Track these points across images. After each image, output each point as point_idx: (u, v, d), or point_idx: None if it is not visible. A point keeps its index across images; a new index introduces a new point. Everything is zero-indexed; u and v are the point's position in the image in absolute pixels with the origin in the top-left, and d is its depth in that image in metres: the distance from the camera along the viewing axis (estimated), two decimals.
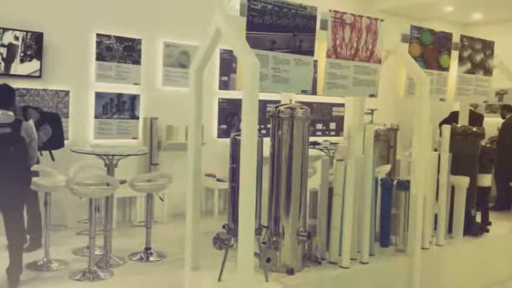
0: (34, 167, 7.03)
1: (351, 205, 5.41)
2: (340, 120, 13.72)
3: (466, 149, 7.02)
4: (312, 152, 6.87)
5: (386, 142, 8.07)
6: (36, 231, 8.12)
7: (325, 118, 13.35)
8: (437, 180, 6.63)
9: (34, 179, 7.01)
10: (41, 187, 7.37)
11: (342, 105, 13.58)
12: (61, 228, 9.16)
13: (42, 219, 7.93)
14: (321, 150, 10.88)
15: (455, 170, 6.84)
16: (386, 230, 6.18)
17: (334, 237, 5.50)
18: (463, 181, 6.83)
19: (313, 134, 12.71)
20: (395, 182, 6.26)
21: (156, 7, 10.49)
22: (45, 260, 7.55)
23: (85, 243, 8.04)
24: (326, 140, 12.10)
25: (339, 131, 13.66)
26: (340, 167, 5.44)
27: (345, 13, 5.40)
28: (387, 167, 7.26)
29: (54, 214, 8.16)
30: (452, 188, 6.90)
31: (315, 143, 11.08)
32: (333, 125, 13.56)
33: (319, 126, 13.20)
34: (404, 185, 6.13)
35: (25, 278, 6.94)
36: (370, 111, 7.94)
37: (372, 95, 5.81)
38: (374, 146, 5.73)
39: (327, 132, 13.36)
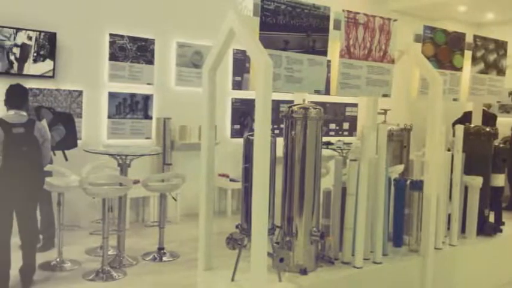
0: (47, 167, 7.04)
1: (364, 205, 5.41)
2: (353, 120, 13.71)
3: (479, 149, 7.00)
4: (325, 152, 6.87)
5: (400, 142, 8.04)
6: (49, 231, 8.16)
7: (339, 118, 13.34)
8: (451, 180, 6.61)
9: (47, 179, 7.03)
10: (54, 187, 7.40)
11: (355, 105, 13.57)
12: (74, 228, 9.19)
13: (55, 219, 7.96)
14: (334, 150, 10.88)
15: (468, 170, 6.83)
16: (400, 230, 6.17)
17: (347, 237, 5.49)
18: (476, 181, 6.81)
19: (327, 134, 12.71)
20: (408, 182, 6.25)
21: (169, 7, 10.51)
22: (58, 260, 7.58)
23: (98, 243, 8.07)
24: (339, 140, 12.10)
25: (352, 131, 13.65)
26: (354, 167, 5.44)
27: (358, 13, 5.39)
28: (400, 167, 7.24)
29: (68, 214, 8.19)
30: (466, 188, 6.88)
31: (328, 143, 11.08)
32: (346, 125, 13.55)
33: (332, 126, 13.20)
34: (418, 185, 6.12)
35: (38, 278, 6.97)
36: (383, 111, 7.93)
37: (385, 95, 5.81)
38: (387, 146, 5.72)
39: (340, 132, 13.36)
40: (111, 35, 9.95)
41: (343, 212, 5.56)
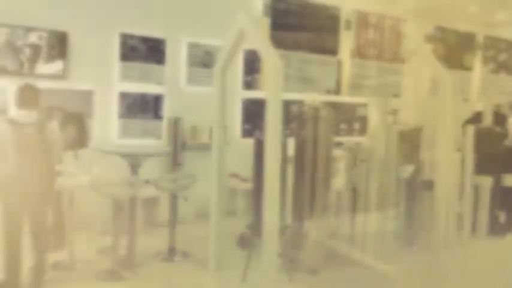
0: (58, 167, 7.06)
1: (374, 205, 5.41)
2: (363, 120, 13.68)
3: (490, 149, 6.99)
4: (336, 152, 6.86)
5: (410, 142, 8.05)
6: (59, 231, 8.17)
7: (349, 118, 13.33)
8: (461, 180, 6.61)
9: (58, 178, 7.04)
10: (65, 187, 7.41)
11: (366, 105, 13.54)
12: (85, 228, 9.20)
13: (66, 219, 7.97)
14: (345, 150, 10.85)
15: (478, 170, 6.81)
16: (410, 229, 6.17)
17: (357, 237, 5.50)
18: (487, 181, 6.80)
19: (337, 134, 12.68)
20: (419, 181, 6.25)
21: (179, 7, 10.51)
22: (69, 260, 7.59)
23: (109, 243, 8.08)
24: (350, 140, 12.07)
25: (362, 131, 13.63)
26: (364, 167, 5.44)
27: (369, 14, 5.40)
28: (411, 167, 7.24)
29: (78, 214, 8.20)
30: (476, 188, 6.87)
31: (338, 143, 11.07)
32: (356, 125, 13.54)
33: (342, 126, 13.18)
34: (428, 185, 6.11)
35: (49, 278, 6.98)
36: (393, 111, 7.92)
37: (395, 95, 5.81)
38: (398, 146, 5.72)
39: (350, 132, 13.34)
40: (121, 35, 9.97)
41: (353, 211, 5.56)
